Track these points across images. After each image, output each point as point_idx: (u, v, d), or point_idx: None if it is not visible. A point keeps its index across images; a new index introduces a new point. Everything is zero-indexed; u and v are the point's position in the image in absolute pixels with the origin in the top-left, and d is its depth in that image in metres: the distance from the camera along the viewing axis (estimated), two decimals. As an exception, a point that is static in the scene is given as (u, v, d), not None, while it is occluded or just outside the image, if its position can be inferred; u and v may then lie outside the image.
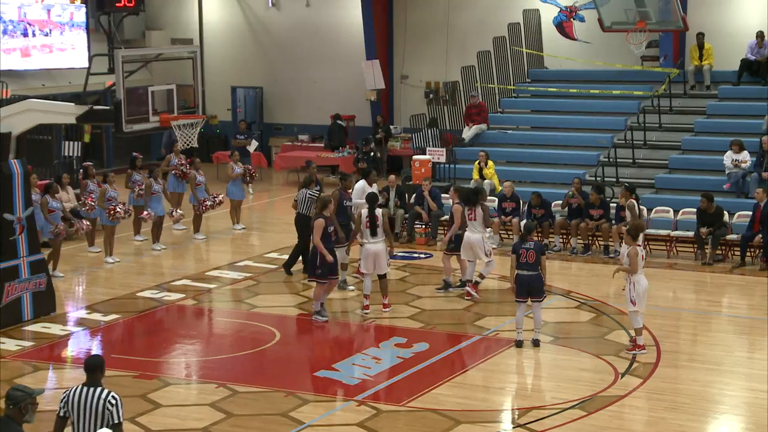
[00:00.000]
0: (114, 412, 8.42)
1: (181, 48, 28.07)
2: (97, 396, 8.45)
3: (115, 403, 8.44)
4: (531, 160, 24.31)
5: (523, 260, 14.36)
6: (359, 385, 13.15)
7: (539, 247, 14.56)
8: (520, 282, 14.38)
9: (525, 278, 14.35)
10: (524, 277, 14.35)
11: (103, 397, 8.43)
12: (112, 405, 8.43)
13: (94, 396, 8.45)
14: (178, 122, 17.03)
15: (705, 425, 12.18)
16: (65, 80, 28.08)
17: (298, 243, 18.48)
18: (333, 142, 29.17)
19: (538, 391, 13.31)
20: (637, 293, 14.10)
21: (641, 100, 24.81)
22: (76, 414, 8.46)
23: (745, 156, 21.08)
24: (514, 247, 14.71)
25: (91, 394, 8.46)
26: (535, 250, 14.42)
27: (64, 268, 19.03)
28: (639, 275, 14.17)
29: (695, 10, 25.65)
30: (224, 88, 31.99)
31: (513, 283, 14.62)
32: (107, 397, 8.44)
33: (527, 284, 14.35)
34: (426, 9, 29.63)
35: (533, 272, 14.36)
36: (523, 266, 14.36)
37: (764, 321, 16.02)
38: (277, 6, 31.47)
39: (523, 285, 14.35)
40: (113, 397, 8.46)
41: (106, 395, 8.45)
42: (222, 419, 12.08)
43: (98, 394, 8.45)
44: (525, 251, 14.40)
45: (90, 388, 8.50)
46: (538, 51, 27.52)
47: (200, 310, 17.12)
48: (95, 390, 8.48)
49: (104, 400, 8.42)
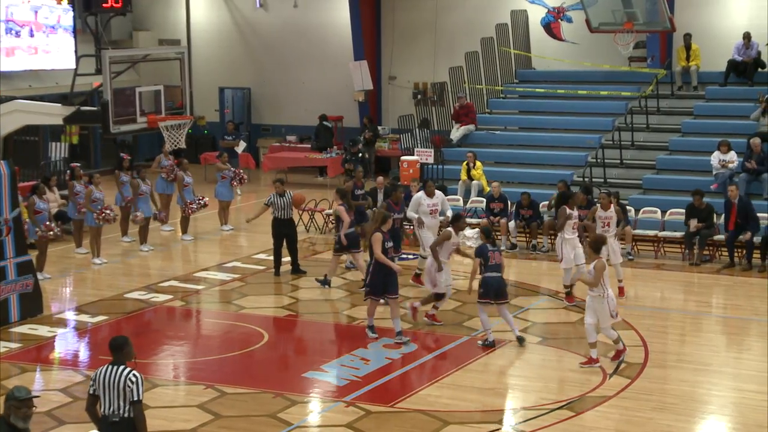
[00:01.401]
0: (134, 390, 8.84)
1: (168, 49, 28.06)
2: (118, 373, 8.89)
3: (136, 380, 8.86)
4: (519, 161, 24.35)
5: (492, 262, 14.43)
6: (348, 386, 13.14)
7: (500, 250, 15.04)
8: (488, 284, 14.40)
9: (494, 280, 14.41)
10: (493, 279, 14.40)
11: (124, 375, 8.87)
12: (132, 382, 8.85)
13: (117, 373, 8.90)
14: (166, 123, 17.01)
15: (692, 425, 12.20)
16: (52, 81, 28.00)
17: (276, 245, 18.74)
18: (319, 143, 29.17)
19: (526, 391, 13.31)
20: (613, 305, 13.53)
21: (629, 101, 24.87)
22: (102, 390, 8.92)
23: (732, 156, 21.15)
24: (480, 249, 14.61)
25: (114, 372, 8.91)
26: (500, 252, 14.71)
27: (51, 269, 18.98)
28: (609, 289, 13.52)
29: (682, 11, 25.72)
30: (212, 88, 31.94)
31: (474, 286, 14.69)
32: (128, 375, 8.87)
33: (496, 287, 14.43)
34: (414, 10, 29.64)
35: (500, 274, 14.50)
36: (492, 268, 14.41)
37: (751, 321, 16.07)
38: (264, 7, 31.45)
39: (491, 287, 14.40)
40: (134, 374, 8.88)
41: (128, 373, 8.88)
42: (210, 420, 12.06)
43: (120, 372, 8.90)
44: (493, 253, 14.46)
45: (114, 367, 8.96)
46: (525, 52, 27.56)
47: (188, 311, 17.09)
48: (118, 368, 8.93)
49: (125, 378, 8.86)
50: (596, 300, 13.47)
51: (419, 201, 17.68)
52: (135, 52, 22.61)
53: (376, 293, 14.70)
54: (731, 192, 19.29)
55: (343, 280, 18.49)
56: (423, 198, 17.68)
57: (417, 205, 17.70)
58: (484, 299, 14.43)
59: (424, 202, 17.60)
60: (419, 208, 17.65)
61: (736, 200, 19.18)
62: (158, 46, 30.83)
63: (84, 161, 27.04)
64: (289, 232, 18.66)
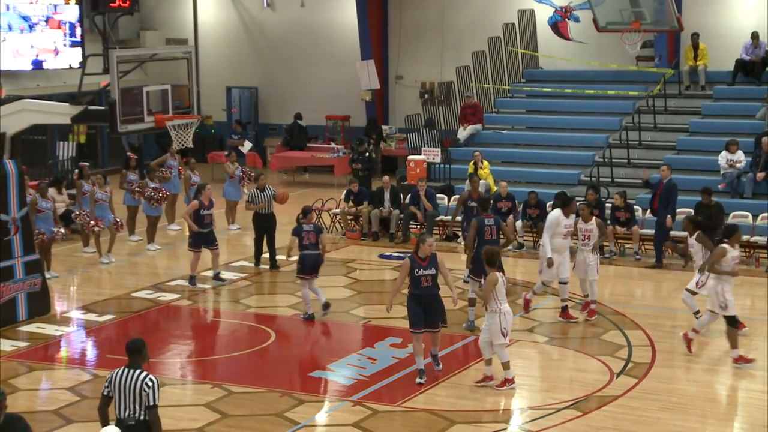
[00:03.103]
0: (150, 394, 8.84)
1: (175, 48, 28.06)
2: (135, 377, 8.88)
3: (152, 385, 8.86)
4: (526, 160, 24.33)
5: (306, 242, 15.42)
6: (354, 386, 13.15)
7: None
8: (303, 261, 15.77)
9: (310, 257, 15.75)
10: (309, 256, 15.74)
11: (141, 379, 8.86)
12: (149, 387, 8.85)
13: (133, 377, 8.89)
14: (173, 122, 17.02)
15: (700, 425, 12.18)
16: (60, 80, 28.05)
17: (257, 236, 19.37)
18: (292, 141, 29.28)
19: (533, 391, 13.30)
20: (507, 323, 12.77)
21: (636, 101, 24.84)
22: (118, 393, 8.93)
23: (740, 156, 21.10)
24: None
25: (130, 375, 8.90)
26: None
27: (58, 268, 19.01)
28: (504, 304, 12.76)
29: (690, 11, 25.68)
30: (219, 88, 31.97)
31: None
32: (145, 379, 8.86)
33: (311, 263, 15.80)
34: (421, 9, 29.63)
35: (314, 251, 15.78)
36: (306, 248, 15.50)
37: (758, 321, 16.04)
38: (272, 6, 31.46)
39: (306, 264, 15.73)
40: (150, 379, 8.89)
41: (144, 377, 8.87)
42: (217, 419, 12.07)
43: (137, 376, 8.89)
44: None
45: (130, 370, 8.95)
46: (533, 51, 27.53)
47: (195, 310, 17.10)
48: (134, 372, 8.93)
49: (142, 382, 8.85)
50: (489, 315, 12.70)
51: (557, 221, 15.62)
52: (142, 52, 22.60)
53: (417, 324, 13.09)
54: (663, 172, 19.56)
55: (349, 280, 18.49)
56: (561, 218, 15.60)
57: (555, 225, 15.60)
58: (301, 275, 15.83)
59: (563, 222, 15.57)
60: (556, 229, 15.58)
61: (666, 181, 19.39)
62: (166, 46, 30.85)
63: (92, 160, 27.05)
64: (269, 227, 18.98)
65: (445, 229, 21.85)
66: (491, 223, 14.92)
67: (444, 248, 20.91)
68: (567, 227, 15.63)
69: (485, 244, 14.49)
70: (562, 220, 15.56)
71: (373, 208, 21.79)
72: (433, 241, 13.36)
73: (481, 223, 14.88)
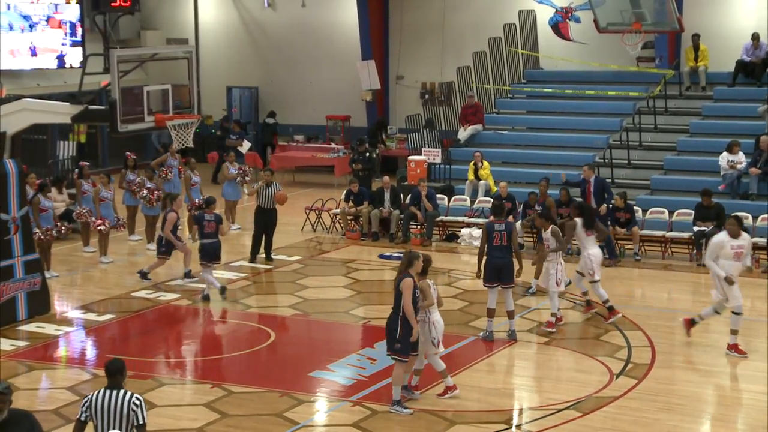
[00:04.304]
0: (139, 413, 8.56)
1: (176, 48, 28.04)
2: (120, 398, 8.57)
3: (140, 404, 8.59)
4: (526, 161, 24.33)
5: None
6: (354, 386, 13.15)
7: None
8: (204, 249, 16.01)
9: (210, 246, 15.82)
10: (210, 245, 15.85)
11: (127, 399, 8.57)
12: (137, 406, 8.57)
13: (118, 398, 8.57)
14: (174, 122, 17.01)
15: (699, 426, 12.19)
16: (60, 80, 28.06)
17: (256, 232, 19.70)
18: (265, 139, 29.50)
19: (532, 391, 13.31)
20: (438, 332, 12.43)
21: (637, 101, 24.84)
22: (100, 417, 8.56)
23: (740, 157, 21.10)
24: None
25: (114, 397, 8.58)
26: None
27: (58, 268, 19.02)
28: (435, 313, 12.41)
29: (690, 12, 25.68)
30: (220, 88, 31.98)
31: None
32: (131, 399, 8.58)
33: (212, 252, 16.16)
34: (421, 9, 29.63)
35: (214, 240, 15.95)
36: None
37: (758, 322, 16.04)
38: (272, 6, 31.47)
39: (207, 252, 15.99)
40: (137, 398, 8.61)
41: (130, 397, 8.59)
42: (217, 419, 12.07)
43: (122, 397, 8.58)
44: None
45: (113, 391, 8.62)
46: (533, 52, 27.53)
47: (195, 310, 17.10)
48: (118, 392, 8.61)
49: (129, 402, 8.56)
50: (420, 325, 12.25)
51: (721, 244, 14.21)
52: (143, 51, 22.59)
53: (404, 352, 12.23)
54: (585, 172, 19.96)
55: (349, 280, 18.50)
56: (726, 240, 14.24)
57: (719, 248, 14.20)
58: (203, 262, 16.74)
59: (728, 245, 14.20)
60: (721, 251, 14.19)
61: (592, 179, 19.76)
62: (166, 46, 30.85)
63: (92, 160, 27.06)
64: (270, 221, 19.37)
65: (445, 229, 21.85)
66: (501, 229, 14.66)
67: (444, 248, 20.93)
68: (735, 248, 14.22)
69: (494, 250, 14.48)
70: (727, 242, 14.22)
71: (373, 209, 21.80)
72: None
73: (491, 229, 14.68)
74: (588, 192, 20.00)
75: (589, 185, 19.93)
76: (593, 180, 19.91)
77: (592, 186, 19.76)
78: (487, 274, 14.61)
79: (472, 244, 20.96)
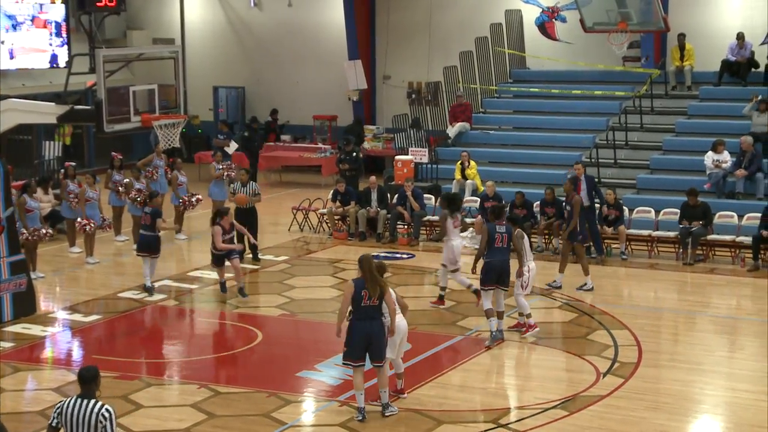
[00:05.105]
0: (107, 426, 8.32)
1: (162, 48, 28.00)
2: (90, 408, 8.35)
3: (109, 416, 8.35)
4: (513, 161, 24.35)
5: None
6: (341, 386, 13.13)
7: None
8: (142, 242, 16.08)
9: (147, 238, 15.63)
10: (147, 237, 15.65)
11: (96, 410, 8.34)
12: (105, 418, 8.33)
13: (88, 408, 8.36)
14: (160, 122, 16.98)
15: (686, 425, 12.21)
16: (46, 80, 27.96)
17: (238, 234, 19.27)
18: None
19: (519, 391, 13.32)
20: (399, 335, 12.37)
21: (623, 101, 24.89)
22: (69, 426, 8.36)
23: (725, 156, 21.17)
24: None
25: (84, 406, 8.37)
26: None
27: (44, 268, 18.95)
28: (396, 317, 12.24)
29: (676, 11, 25.73)
30: (206, 88, 31.92)
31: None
32: (101, 410, 8.34)
33: (147, 243, 16.36)
34: (408, 9, 29.64)
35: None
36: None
37: (744, 320, 16.10)
38: (259, 6, 31.43)
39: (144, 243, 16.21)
40: (107, 410, 8.37)
41: (100, 408, 8.35)
42: (203, 420, 12.04)
43: (92, 407, 8.36)
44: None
45: (84, 400, 8.41)
46: (520, 51, 27.57)
47: (182, 310, 17.07)
48: (89, 402, 8.39)
49: (98, 413, 8.33)
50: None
51: None
52: (129, 51, 22.57)
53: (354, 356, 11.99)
54: (578, 170, 19.78)
55: (336, 280, 18.49)
56: None
57: None
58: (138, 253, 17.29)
59: None
60: None
61: (583, 176, 19.64)
62: (152, 45, 30.79)
63: (78, 160, 26.98)
64: (251, 221, 19.25)
65: (432, 229, 21.85)
66: (503, 231, 14.61)
67: (431, 248, 20.93)
68: None
69: (495, 252, 14.46)
70: None
71: (360, 208, 21.79)
72: None
73: (492, 230, 14.63)
74: (578, 189, 19.88)
75: (580, 183, 19.92)
76: (584, 177, 19.87)
77: (583, 184, 19.78)
78: (487, 276, 14.55)
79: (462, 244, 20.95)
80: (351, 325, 11.89)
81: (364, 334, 11.83)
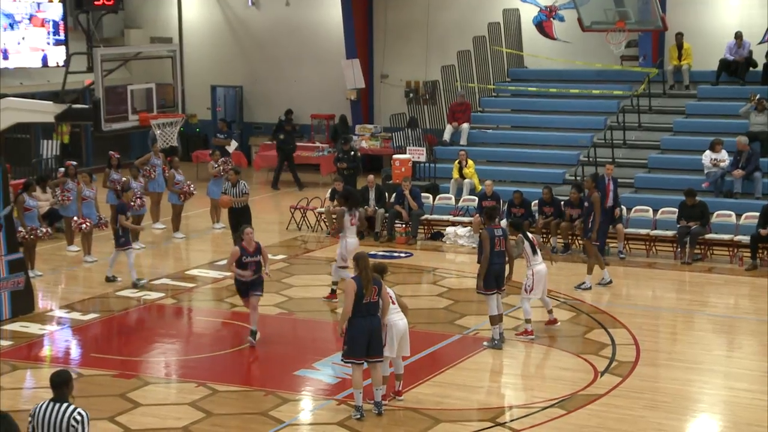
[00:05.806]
0: (79, 429, 8.12)
1: (160, 47, 27.98)
2: (62, 412, 8.16)
3: (80, 420, 8.13)
4: (511, 160, 24.35)
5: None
6: (339, 384, 13.13)
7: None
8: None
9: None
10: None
11: (68, 414, 8.15)
12: (77, 422, 8.12)
13: (59, 412, 8.17)
14: (158, 121, 16.97)
15: (684, 423, 12.22)
16: (43, 79, 27.93)
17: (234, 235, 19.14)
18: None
19: (517, 389, 13.33)
20: (394, 335, 12.25)
21: (621, 100, 24.90)
22: (41, 430, 8.20)
23: (723, 155, 21.18)
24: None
25: (56, 410, 8.18)
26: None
27: (42, 267, 18.95)
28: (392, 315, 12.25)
29: (674, 10, 25.74)
30: (204, 86, 31.91)
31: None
32: (72, 414, 8.15)
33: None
34: (406, 8, 29.63)
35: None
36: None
37: (742, 320, 16.11)
38: (256, 5, 31.41)
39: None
40: (79, 413, 8.15)
41: (72, 411, 8.16)
42: (202, 418, 12.04)
43: (63, 410, 8.17)
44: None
45: (56, 404, 8.21)
46: (518, 50, 27.57)
47: (180, 309, 17.06)
48: (61, 406, 8.20)
49: (69, 417, 8.14)
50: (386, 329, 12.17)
51: None
52: (127, 50, 22.57)
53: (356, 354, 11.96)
54: (608, 170, 19.69)
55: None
56: None
57: None
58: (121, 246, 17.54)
59: None
60: None
61: (610, 177, 19.53)
62: (150, 44, 30.76)
63: (76, 159, 26.95)
64: (244, 221, 18.94)
65: (430, 228, 21.85)
66: (500, 234, 14.50)
67: (429, 247, 20.94)
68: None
69: (495, 255, 14.38)
70: None
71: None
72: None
73: (492, 234, 14.49)
74: (607, 190, 19.28)
75: (609, 184, 19.42)
76: (612, 179, 19.45)
77: (612, 184, 19.36)
78: (487, 281, 14.41)
79: (456, 243, 20.99)
80: (351, 322, 11.87)
81: (365, 331, 11.84)
